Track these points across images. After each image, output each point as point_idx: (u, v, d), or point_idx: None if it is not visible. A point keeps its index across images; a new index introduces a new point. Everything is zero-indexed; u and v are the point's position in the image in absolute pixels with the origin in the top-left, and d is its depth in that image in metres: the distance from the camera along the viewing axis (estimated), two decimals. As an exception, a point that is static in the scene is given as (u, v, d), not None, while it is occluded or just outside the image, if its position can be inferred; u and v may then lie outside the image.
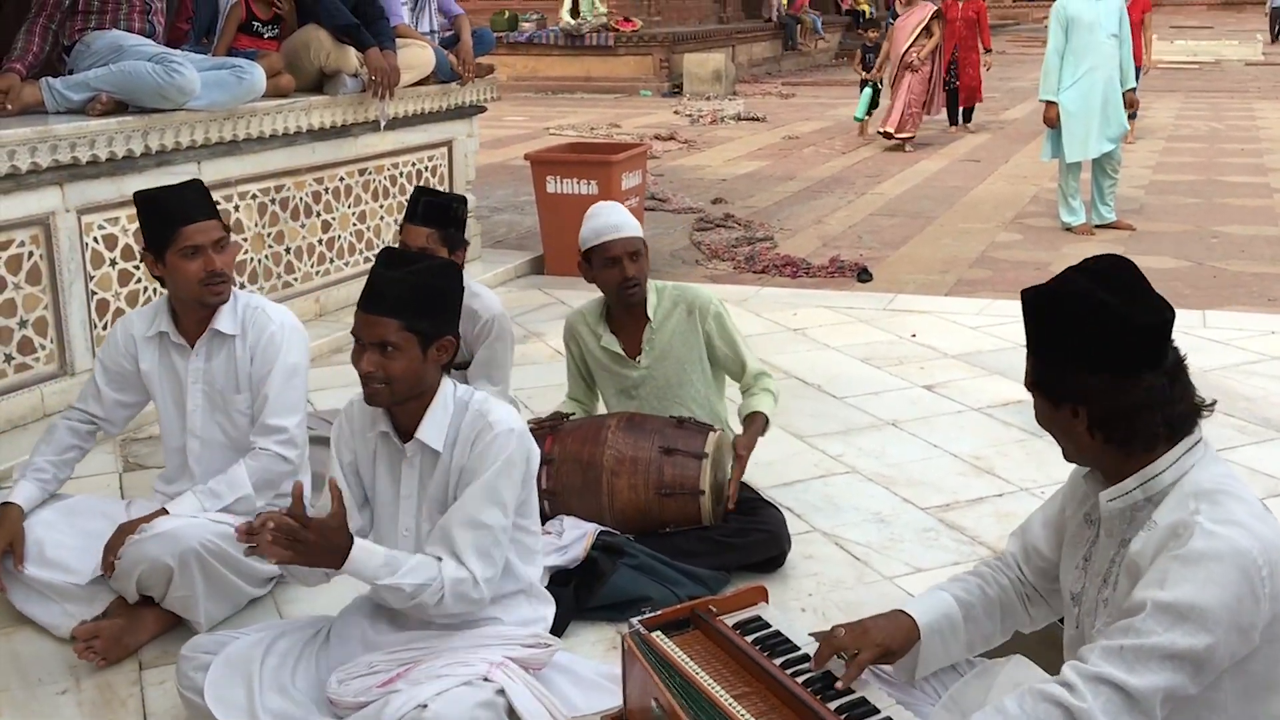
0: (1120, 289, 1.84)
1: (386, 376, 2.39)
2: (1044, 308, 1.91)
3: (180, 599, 2.97)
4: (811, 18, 26.18)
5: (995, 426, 4.62)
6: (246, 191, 5.40)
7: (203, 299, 3.06)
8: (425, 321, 2.40)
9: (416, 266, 2.45)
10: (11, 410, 4.36)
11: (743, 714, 2.05)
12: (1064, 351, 1.88)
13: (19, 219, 4.33)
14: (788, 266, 7.44)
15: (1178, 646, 1.71)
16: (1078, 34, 8.06)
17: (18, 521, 3.05)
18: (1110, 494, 1.93)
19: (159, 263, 3.02)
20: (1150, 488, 1.88)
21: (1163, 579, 1.75)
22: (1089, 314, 1.83)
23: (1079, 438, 1.92)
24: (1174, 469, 1.86)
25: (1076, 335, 1.85)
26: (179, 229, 2.97)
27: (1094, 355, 1.84)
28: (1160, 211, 9.13)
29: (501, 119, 14.83)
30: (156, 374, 3.20)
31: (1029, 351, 1.97)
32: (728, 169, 11.59)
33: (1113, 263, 1.91)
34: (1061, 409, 1.92)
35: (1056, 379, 1.90)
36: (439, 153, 6.77)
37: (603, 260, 3.51)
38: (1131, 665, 1.73)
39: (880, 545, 3.62)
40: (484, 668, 2.43)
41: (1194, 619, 1.71)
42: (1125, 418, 1.85)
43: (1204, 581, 1.72)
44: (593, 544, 3.21)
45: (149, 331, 3.18)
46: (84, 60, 4.73)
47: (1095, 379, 1.85)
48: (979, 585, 2.22)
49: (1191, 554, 1.74)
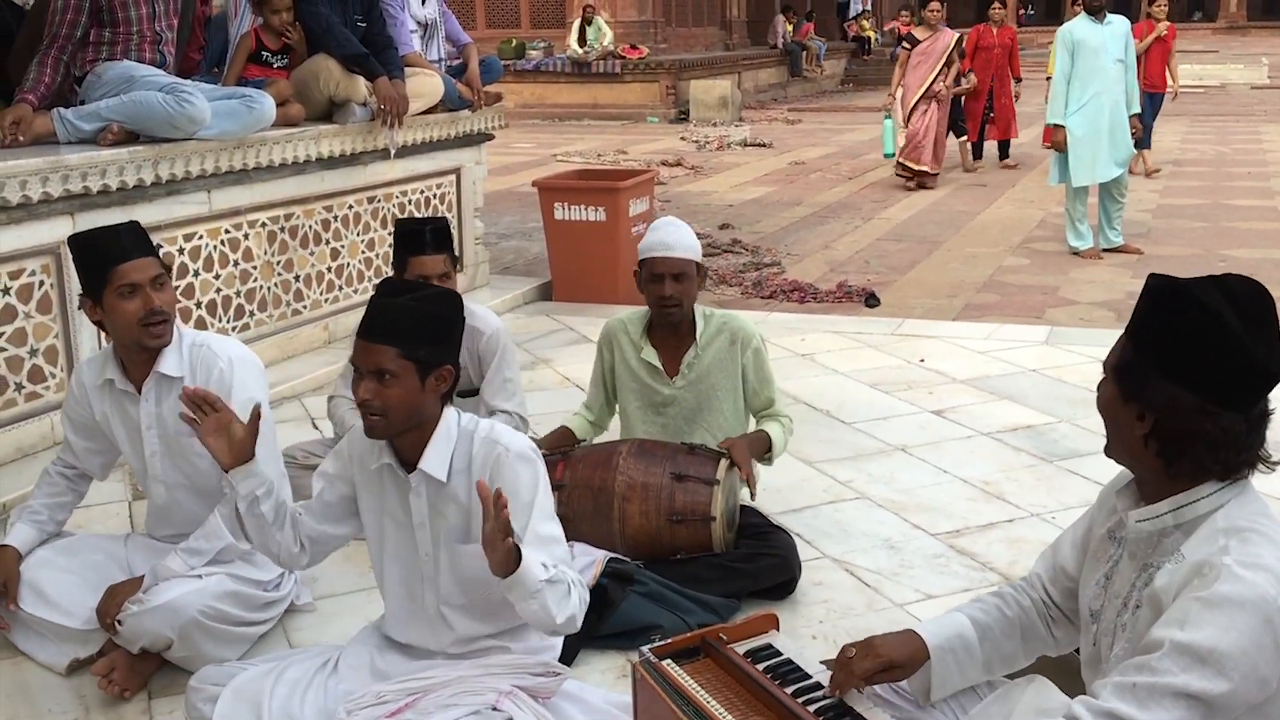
0: (1252, 319, 1.75)
1: (383, 406, 2.36)
2: (1167, 303, 1.80)
3: (183, 658, 2.96)
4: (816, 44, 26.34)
5: (1005, 451, 4.61)
6: (256, 220, 5.43)
7: (141, 341, 2.92)
8: (423, 349, 2.37)
9: (417, 294, 2.44)
10: (22, 439, 4.37)
11: (754, 743, 2.04)
12: (1163, 355, 1.79)
13: (30, 248, 4.35)
14: (795, 292, 7.45)
15: (1192, 689, 1.68)
16: (1084, 59, 8.09)
17: (13, 563, 3.05)
18: (1140, 514, 1.88)
19: (97, 306, 2.90)
20: (1182, 515, 1.83)
21: (1183, 619, 1.71)
22: (1210, 330, 1.74)
23: (1132, 440, 1.85)
24: (1209, 500, 1.81)
25: (1186, 345, 1.76)
26: (114, 268, 2.85)
27: (1192, 372, 1.76)
28: (1167, 235, 9.13)
29: (509, 146, 14.90)
30: (113, 422, 3.12)
31: (1127, 334, 1.86)
32: (735, 195, 11.62)
33: (1253, 289, 1.80)
34: (1129, 405, 1.83)
35: (1140, 376, 1.81)
36: (447, 180, 6.80)
37: (649, 274, 3.56)
38: (1144, 703, 1.70)
39: (891, 572, 3.60)
40: (493, 697, 2.42)
41: (1212, 664, 1.67)
42: (1188, 443, 1.79)
43: (1226, 626, 1.68)
44: (602, 571, 3.20)
45: (98, 380, 3.09)
46: (95, 91, 4.76)
47: (1181, 395, 1.76)
48: (997, 606, 2.18)
49: (1215, 597, 1.70)
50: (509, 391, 3.86)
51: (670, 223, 3.64)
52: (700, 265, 3.61)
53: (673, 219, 3.70)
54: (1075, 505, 3.98)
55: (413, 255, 3.62)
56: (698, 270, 3.59)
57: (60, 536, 3.23)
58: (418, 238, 3.64)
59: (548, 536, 2.43)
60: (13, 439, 4.33)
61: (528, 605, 2.29)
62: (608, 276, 6.93)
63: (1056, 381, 5.46)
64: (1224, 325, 1.74)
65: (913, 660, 2.11)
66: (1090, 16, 8.16)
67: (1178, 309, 1.78)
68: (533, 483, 2.45)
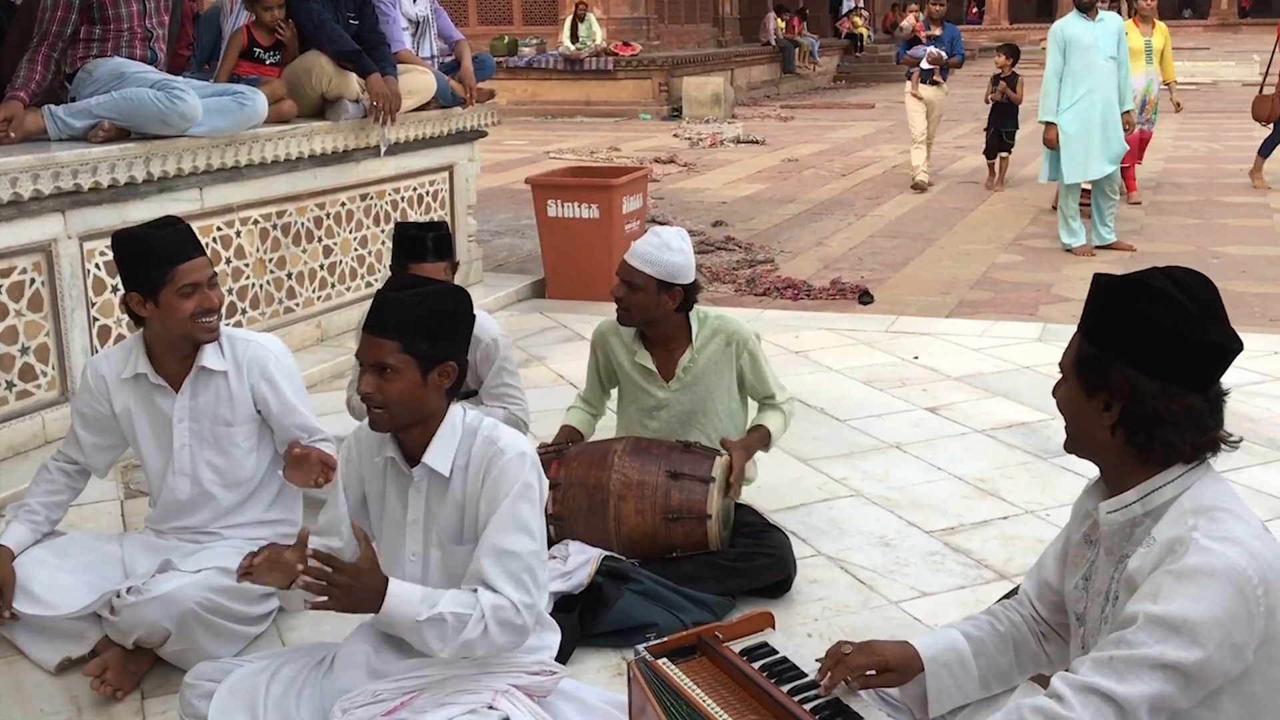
0: (1201, 302, 1.81)
1: (384, 400, 2.36)
2: (1120, 296, 1.86)
3: (177, 653, 2.95)
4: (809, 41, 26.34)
5: (999, 449, 4.61)
6: (248, 217, 5.41)
7: (195, 336, 3.01)
8: (425, 344, 2.36)
9: (423, 289, 2.43)
10: (14, 437, 4.35)
11: (751, 742, 2.04)
12: (1123, 344, 1.84)
13: (21, 246, 4.33)
14: (789, 289, 7.44)
15: (1168, 658, 1.71)
16: (1076, 56, 8.10)
17: (7, 563, 3.04)
18: (1110, 505, 1.91)
19: (149, 302, 2.95)
20: (1150, 501, 1.87)
21: (1156, 592, 1.75)
22: (1166, 315, 1.80)
23: (1098, 432, 1.89)
24: (1175, 484, 1.85)
25: (1145, 332, 1.81)
26: (176, 267, 2.92)
27: (1154, 358, 1.81)
28: (1160, 232, 9.15)
29: (502, 143, 14.88)
30: (136, 416, 3.14)
31: (1081, 333, 1.92)
32: (728, 192, 11.62)
33: (1198, 278, 1.86)
34: (1094, 398, 1.88)
35: (1102, 368, 1.86)
36: (440, 177, 6.78)
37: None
38: (1121, 675, 1.73)
39: (885, 569, 3.60)
40: (489, 696, 2.41)
41: (1185, 632, 1.71)
42: (1155, 426, 1.83)
43: (1197, 596, 1.71)
44: (597, 569, 3.20)
45: (124, 374, 3.11)
46: (86, 87, 4.74)
47: (1144, 381, 1.81)
48: (989, 621, 2.20)
49: (1185, 569, 1.73)
50: (513, 397, 3.89)
51: (654, 234, 3.51)
52: (669, 284, 3.45)
53: (670, 234, 3.53)
54: (1069, 502, 3.93)
55: (413, 262, 3.59)
56: (667, 288, 3.45)
57: (54, 536, 3.21)
58: (419, 245, 3.63)
59: (503, 549, 2.38)
60: (4, 437, 4.32)
61: (410, 637, 2.37)
62: (601, 273, 6.88)
63: (1050, 378, 5.39)
64: (1182, 310, 1.79)
65: (907, 667, 2.12)
66: (1082, 14, 8.16)
67: (1133, 299, 1.84)
68: (510, 487, 2.41)
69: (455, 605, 2.33)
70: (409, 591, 2.34)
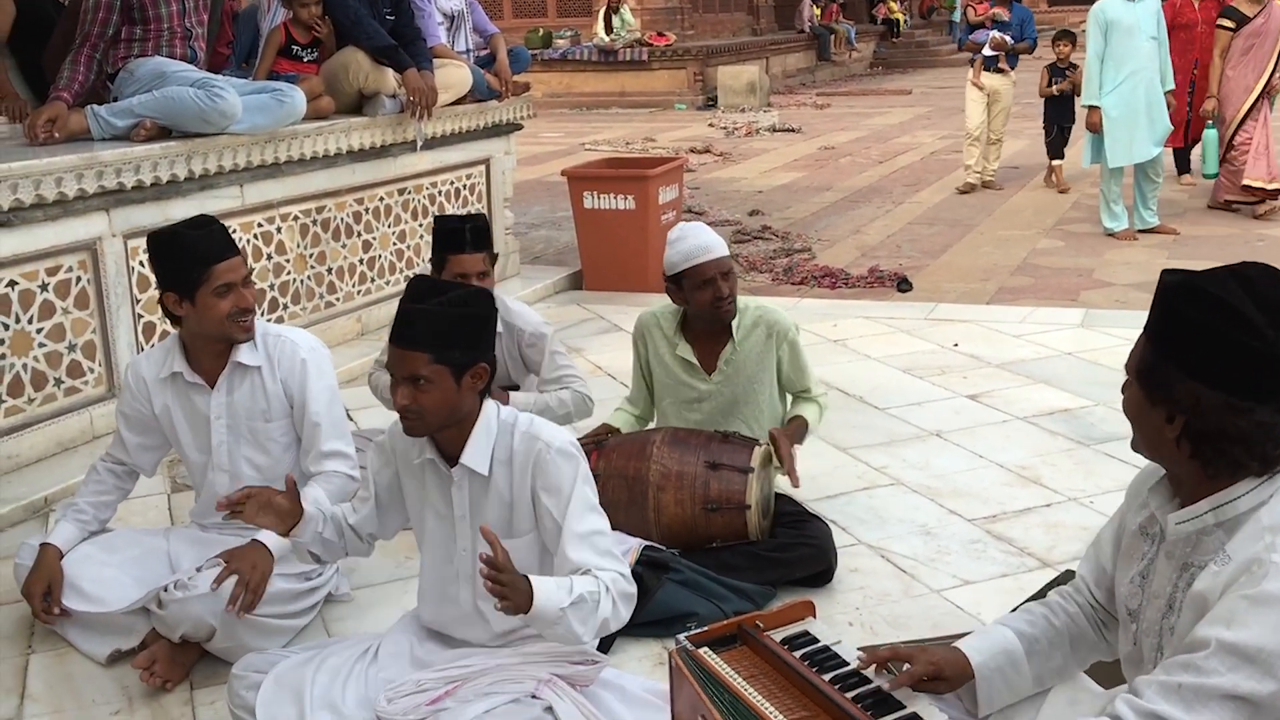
0: (1272, 308, 1.70)
1: (419, 409, 2.38)
2: (1184, 301, 1.74)
3: (224, 649, 2.99)
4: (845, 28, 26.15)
5: (1041, 436, 4.57)
6: (288, 213, 5.46)
7: (231, 335, 3.04)
8: (456, 351, 2.37)
9: (445, 296, 2.42)
10: (62, 433, 4.42)
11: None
12: (1186, 354, 1.73)
13: (67, 244, 4.40)
14: (826, 277, 7.41)
15: (1240, 690, 1.64)
16: (1117, 38, 8.00)
17: (55, 561, 3.10)
18: (1180, 517, 1.82)
19: (185, 302, 2.98)
20: (1223, 513, 1.78)
21: (1230, 618, 1.67)
22: (1231, 326, 1.69)
23: (1163, 442, 1.80)
24: (1251, 496, 1.76)
25: (1208, 344, 1.71)
26: (211, 267, 2.95)
27: (1217, 370, 1.70)
28: (1204, 215, 9.01)
29: (537, 136, 14.90)
30: (175, 414, 3.18)
31: (1146, 335, 1.81)
32: (764, 181, 11.58)
33: (1266, 274, 1.74)
34: (1157, 409, 1.78)
35: (1165, 379, 1.75)
36: (477, 170, 6.81)
37: (696, 282, 3.48)
38: (1190, 705, 1.66)
39: (927, 558, 3.58)
40: (532, 685, 2.42)
41: (1260, 663, 1.63)
42: (1222, 442, 1.73)
43: (1275, 626, 1.63)
44: (637, 559, 3.21)
45: (161, 373, 3.15)
46: (128, 87, 4.80)
47: (1208, 394, 1.71)
48: (1045, 616, 2.13)
49: (1263, 595, 1.65)
50: (573, 377, 3.87)
51: (693, 228, 3.57)
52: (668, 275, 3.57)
53: (689, 224, 3.62)
54: (1113, 489, 3.95)
55: (452, 254, 3.61)
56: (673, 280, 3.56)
57: (101, 533, 3.27)
58: (457, 236, 3.63)
59: (587, 531, 2.43)
60: (53, 434, 4.39)
61: (552, 631, 2.33)
62: (638, 264, 6.92)
63: (1092, 365, 5.41)
64: (1244, 319, 1.68)
65: (959, 677, 2.06)
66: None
67: (1195, 307, 1.72)
68: (572, 477, 2.45)
69: (584, 586, 2.34)
70: (546, 582, 2.31)
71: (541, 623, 2.30)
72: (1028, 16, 10.52)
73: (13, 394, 4.26)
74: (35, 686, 3.03)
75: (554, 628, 2.31)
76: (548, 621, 2.29)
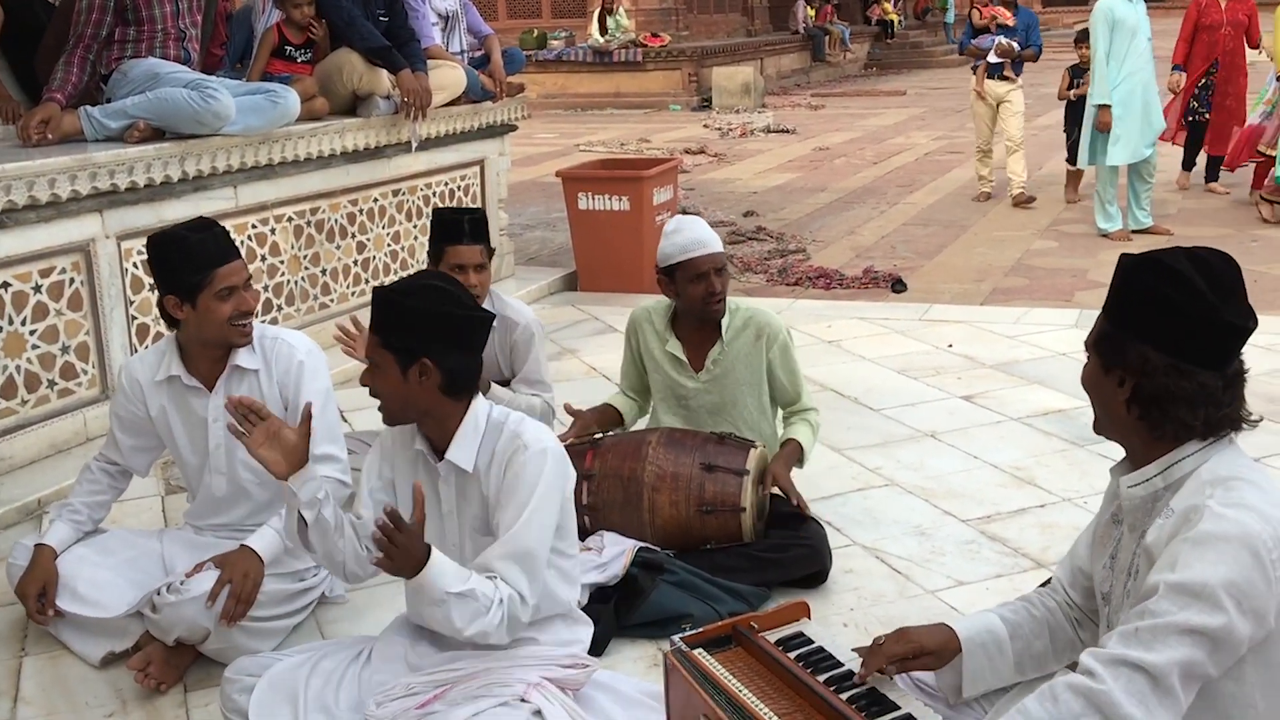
0: (1218, 283, 1.82)
1: (376, 392, 2.44)
2: (1138, 274, 1.89)
3: (218, 651, 2.99)
4: (839, 29, 26.17)
5: (1036, 436, 4.58)
6: (282, 214, 5.45)
7: (231, 339, 3.03)
8: (397, 338, 2.38)
9: (405, 284, 2.47)
10: (55, 435, 4.41)
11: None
12: (1138, 321, 1.87)
13: (60, 246, 4.39)
14: (821, 278, 7.42)
15: (1193, 623, 1.72)
16: (1120, 38, 8.03)
17: (50, 562, 3.09)
18: (1132, 479, 1.93)
19: (186, 305, 2.97)
20: (1170, 475, 1.88)
21: (1174, 561, 1.77)
22: (1179, 294, 1.82)
23: (1115, 408, 1.92)
24: (1194, 458, 1.87)
25: (1158, 310, 1.84)
26: (214, 271, 2.94)
27: (1166, 335, 1.83)
28: (1197, 215, 9.03)
29: (532, 136, 14.90)
30: (171, 417, 3.17)
31: (1104, 310, 1.96)
32: (758, 181, 11.58)
33: (1221, 257, 1.89)
34: (1110, 374, 1.91)
35: (1118, 344, 1.89)
36: (471, 172, 6.81)
37: (689, 275, 3.48)
38: (1148, 643, 1.74)
39: (921, 558, 3.58)
40: (521, 688, 2.42)
41: (1206, 598, 1.72)
42: (1168, 404, 1.85)
43: (1214, 562, 1.73)
44: (632, 560, 3.21)
45: (157, 376, 3.13)
46: (121, 88, 4.79)
47: (1156, 357, 1.84)
48: (1025, 606, 2.21)
49: (1200, 535, 1.75)
50: (546, 384, 3.92)
51: (689, 221, 3.57)
52: (660, 266, 3.58)
53: (685, 218, 3.63)
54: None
55: (450, 244, 3.63)
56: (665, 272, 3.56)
57: (96, 533, 3.26)
58: (455, 227, 3.65)
59: (519, 544, 2.40)
60: (46, 435, 4.38)
61: (430, 612, 2.35)
62: (633, 265, 6.92)
63: (1086, 365, 5.41)
64: (1192, 287, 1.80)
65: (945, 649, 2.12)
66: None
67: (1148, 274, 1.86)
68: (534, 482, 2.42)
69: (484, 586, 2.36)
70: (447, 564, 2.35)
71: (422, 598, 2.33)
72: (1034, 21, 9.97)
73: (6, 396, 4.25)
74: (28, 689, 3.03)
75: (433, 609, 2.33)
76: (429, 599, 2.32)
